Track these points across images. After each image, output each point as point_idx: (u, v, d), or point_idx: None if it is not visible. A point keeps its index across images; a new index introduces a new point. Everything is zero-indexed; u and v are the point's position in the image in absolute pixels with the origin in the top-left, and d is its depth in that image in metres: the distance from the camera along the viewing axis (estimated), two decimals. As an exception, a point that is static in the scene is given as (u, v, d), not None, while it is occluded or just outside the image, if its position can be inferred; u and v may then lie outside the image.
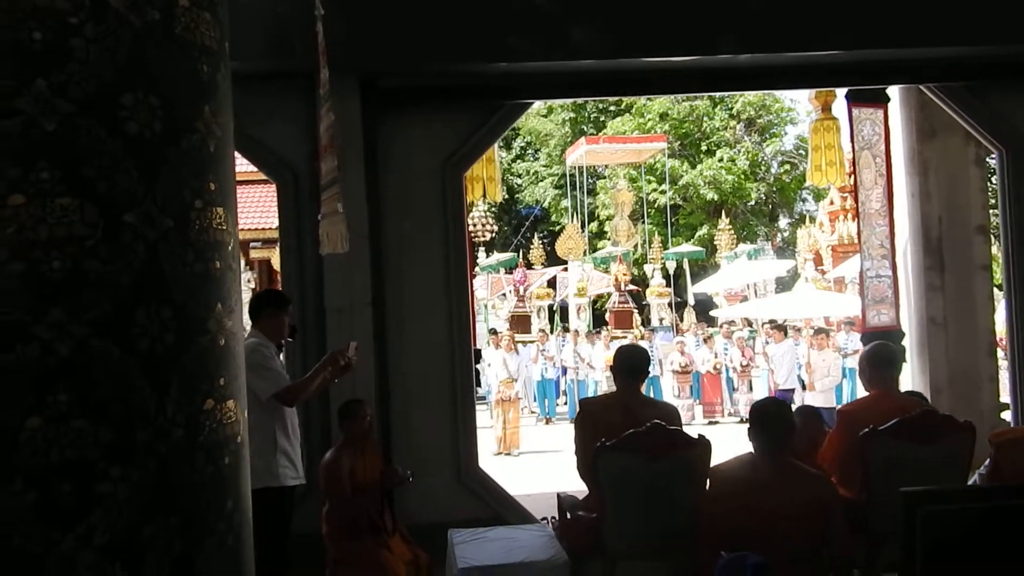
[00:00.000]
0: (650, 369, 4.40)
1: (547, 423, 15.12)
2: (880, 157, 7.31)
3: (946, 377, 7.17)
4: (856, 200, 7.51)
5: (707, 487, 3.71)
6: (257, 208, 18.15)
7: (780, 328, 13.96)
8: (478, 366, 6.37)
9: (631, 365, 4.31)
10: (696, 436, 3.97)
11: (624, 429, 3.89)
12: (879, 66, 6.23)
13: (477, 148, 5.86)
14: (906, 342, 7.27)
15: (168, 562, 1.29)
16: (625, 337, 16.13)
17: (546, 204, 30.10)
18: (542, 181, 29.98)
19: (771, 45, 5.64)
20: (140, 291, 1.29)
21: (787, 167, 29.72)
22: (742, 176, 27.71)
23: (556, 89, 6.11)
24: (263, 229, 17.53)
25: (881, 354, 4.19)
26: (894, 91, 7.01)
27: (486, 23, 5.33)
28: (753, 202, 29.10)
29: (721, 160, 27.45)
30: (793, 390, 12.59)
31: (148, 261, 1.30)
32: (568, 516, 4.35)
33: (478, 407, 14.83)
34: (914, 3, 5.62)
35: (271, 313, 4.06)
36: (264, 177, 5.70)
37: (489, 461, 8.71)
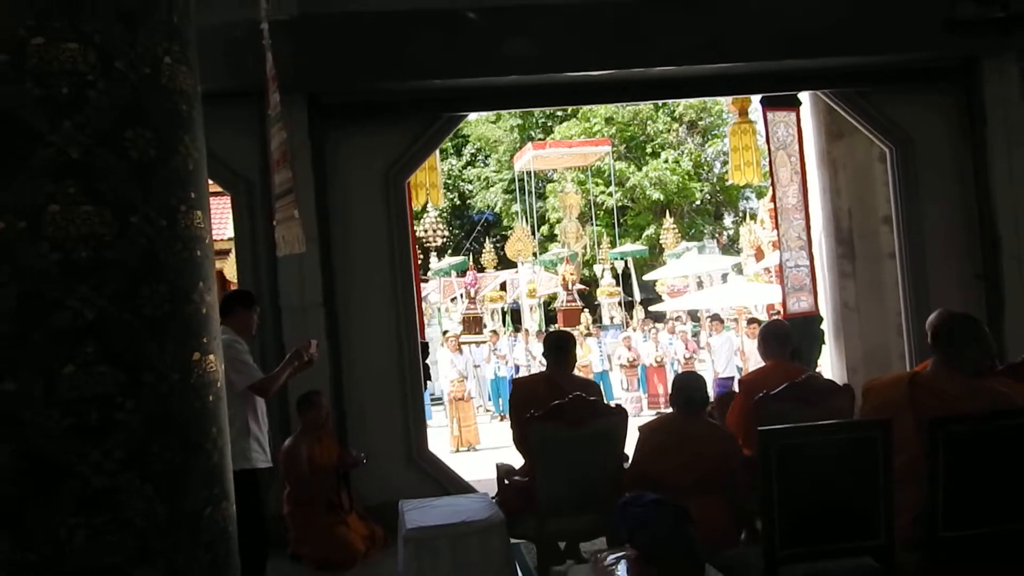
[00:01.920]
0: (572, 347, 4.92)
1: (502, 420, 15.57)
2: (794, 156, 7.88)
3: (860, 356, 7.73)
4: (774, 197, 8.11)
5: (637, 439, 4.28)
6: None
7: (719, 320, 14.64)
8: (427, 360, 6.83)
9: (555, 344, 4.86)
10: (614, 405, 4.51)
11: (551, 401, 4.42)
12: (784, 75, 6.82)
13: (417, 157, 6.33)
14: (824, 326, 7.89)
15: (170, 470, 1.76)
16: (573, 335, 16.66)
17: (497, 209, 30.56)
18: (493, 186, 30.44)
19: (682, 58, 6.20)
20: (143, 272, 1.75)
21: (729, 167, 30.60)
22: (686, 177, 28.48)
23: (489, 101, 6.59)
24: (215, 240, 17.78)
25: (774, 331, 4.78)
26: (805, 96, 7.60)
27: (421, 42, 5.80)
28: (698, 201, 29.90)
29: (666, 161, 28.18)
30: (732, 378, 13.24)
31: (148, 250, 1.77)
32: (505, 481, 4.86)
33: (434, 407, 15.22)
34: (812, 18, 6.22)
35: (241, 311, 4.42)
36: (217, 190, 6.06)
37: (448, 458, 9.11)
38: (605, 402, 4.59)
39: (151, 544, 1.73)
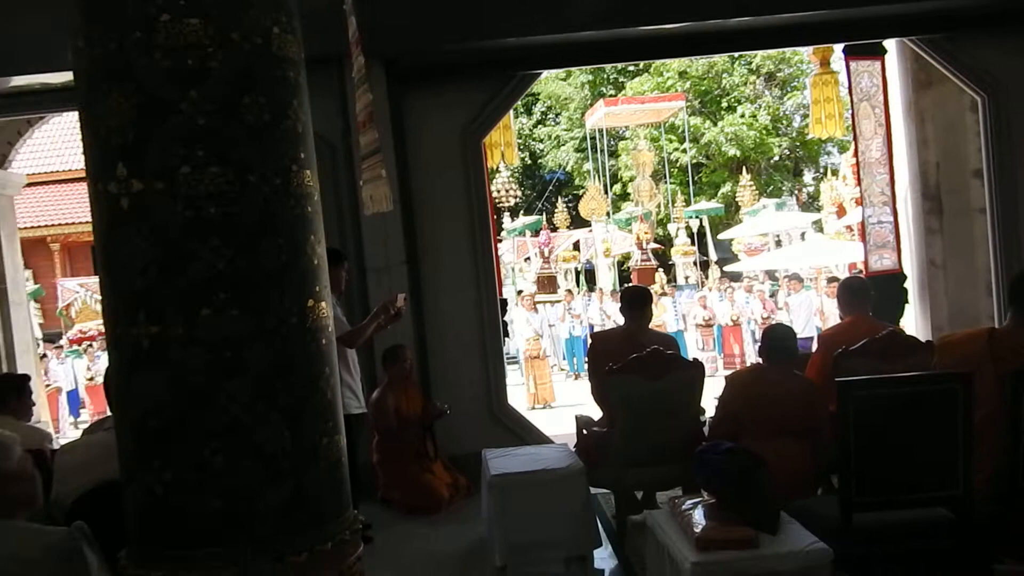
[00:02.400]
0: (650, 302, 5.02)
1: (576, 378, 15.76)
2: (879, 108, 7.69)
3: (946, 316, 7.56)
4: (856, 151, 7.95)
5: (723, 387, 4.36)
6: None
7: (798, 279, 14.42)
8: (505, 317, 7.01)
9: (632, 299, 4.97)
10: (691, 360, 4.60)
11: (629, 355, 4.54)
12: (868, 22, 6.64)
13: (493, 117, 6.44)
14: (908, 284, 7.75)
15: (291, 403, 1.96)
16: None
17: (568, 168, 30.42)
18: (564, 145, 30.27)
19: (759, 8, 6.12)
20: (263, 227, 1.93)
21: (810, 121, 29.67)
22: (764, 131, 27.77)
23: (563, 59, 6.62)
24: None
25: (853, 285, 4.78)
26: (891, 44, 7.36)
27: (494, 2, 5.88)
28: (776, 157, 29.18)
29: (742, 116, 27.50)
30: (811, 338, 13.07)
31: (265, 207, 1.95)
32: (584, 432, 5.02)
33: (509, 367, 15.50)
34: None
35: (330, 267, 4.67)
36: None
37: (524, 415, 9.33)
38: (682, 356, 4.68)
39: (279, 468, 1.94)
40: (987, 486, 3.06)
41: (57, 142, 21.87)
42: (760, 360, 4.39)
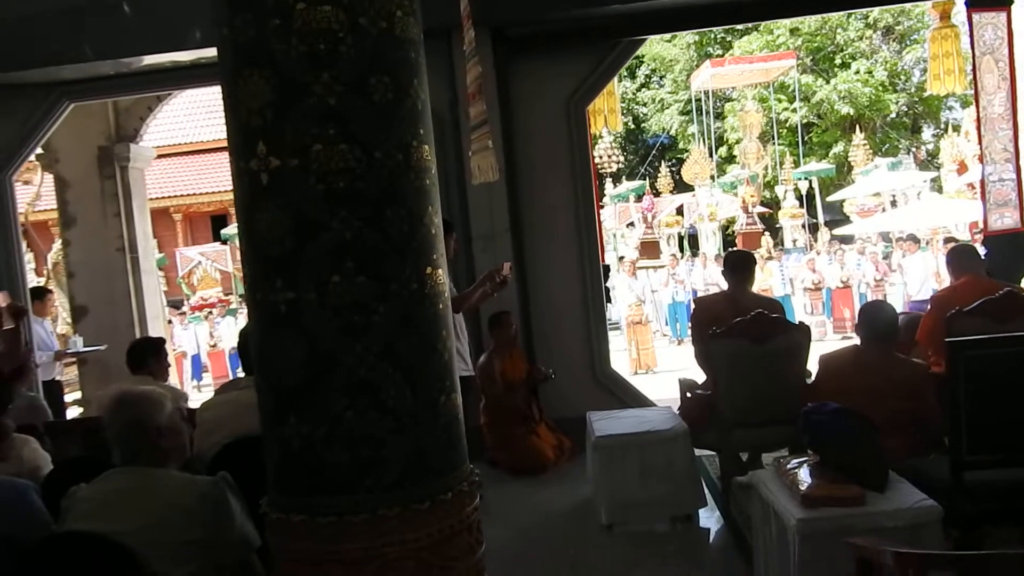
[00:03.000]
0: (753, 266, 5.01)
1: (679, 344, 15.69)
2: (1003, 61, 7.32)
3: (1073, 280, 7.24)
4: (977, 106, 7.60)
5: (816, 373, 4.27)
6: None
7: (914, 240, 13.87)
8: (607, 284, 7.09)
9: (736, 263, 4.97)
10: (797, 323, 4.58)
11: (733, 319, 4.56)
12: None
13: (597, 84, 6.48)
14: (1031, 244, 7.39)
15: (413, 363, 2.12)
16: (754, 258, 16.35)
17: (672, 131, 29.91)
18: (668, 108, 29.75)
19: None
20: (386, 199, 2.09)
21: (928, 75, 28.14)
22: (880, 88, 26.56)
23: (667, 23, 6.58)
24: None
25: (961, 249, 4.66)
26: (1016, -6, 7.03)
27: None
28: (893, 114, 27.87)
29: (857, 72, 26.36)
30: (926, 300, 12.59)
31: (389, 181, 2.10)
32: (687, 395, 5.08)
33: (611, 332, 15.60)
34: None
35: None
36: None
37: (627, 378, 9.41)
38: (787, 320, 4.67)
39: (402, 422, 2.11)
40: None
41: (179, 116, 23.01)
42: (858, 340, 4.12)
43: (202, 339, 15.98)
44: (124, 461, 2.39)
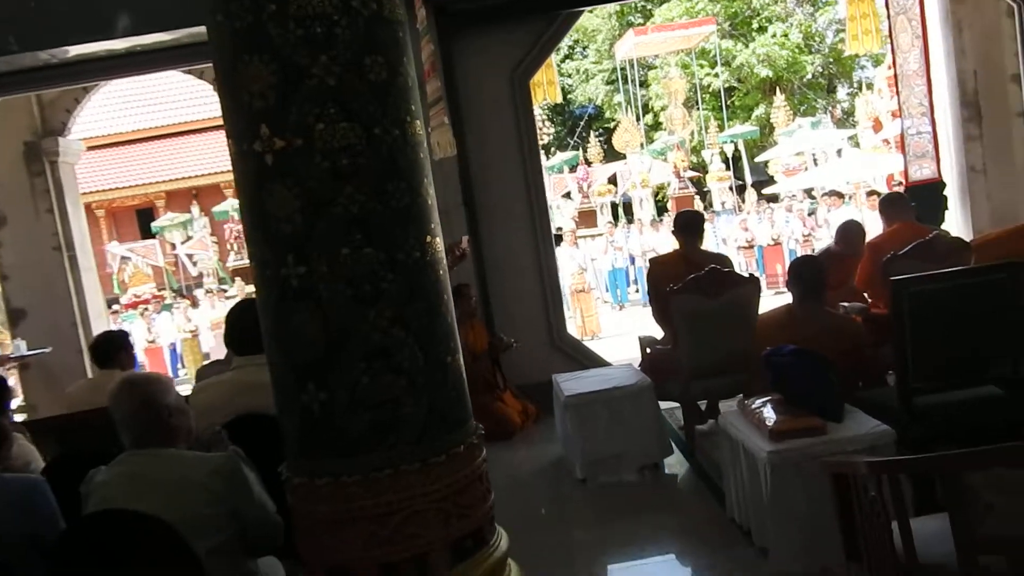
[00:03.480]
0: (703, 224, 5.27)
1: (620, 309, 16.06)
2: (915, 20, 7.73)
3: (988, 218, 7.74)
4: (894, 64, 8.00)
5: (758, 330, 4.51)
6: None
7: (838, 195, 14.45)
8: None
9: (685, 222, 5.22)
10: (747, 275, 4.84)
11: (687, 276, 4.80)
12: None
13: (539, 57, 6.63)
14: (948, 191, 7.87)
15: (422, 327, 2.26)
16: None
17: (599, 101, 30.22)
18: (593, 79, 30.04)
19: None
20: (387, 174, 2.20)
21: (843, 36, 29.02)
22: (796, 50, 27.31)
23: (603, -6, 6.76)
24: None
25: (891, 197, 4.99)
26: (926, -43, 7.41)
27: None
28: (809, 76, 28.71)
29: (774, 36, 27.04)
30: (853, 252, 13.17)
31: (389, 156, 2.21)
32: (647, 351, 5.32)
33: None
34: None
35: None
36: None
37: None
38: (738, 273, 4.93)
39: (415, 383, 2.24)
40: None
41: (96, 108, 22.22)
42: (790, 296, 4.23)
43: (139, 336, 15.67)
44: (135, 444, 2.46)
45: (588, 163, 22.28)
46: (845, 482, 2.43)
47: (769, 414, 3.48)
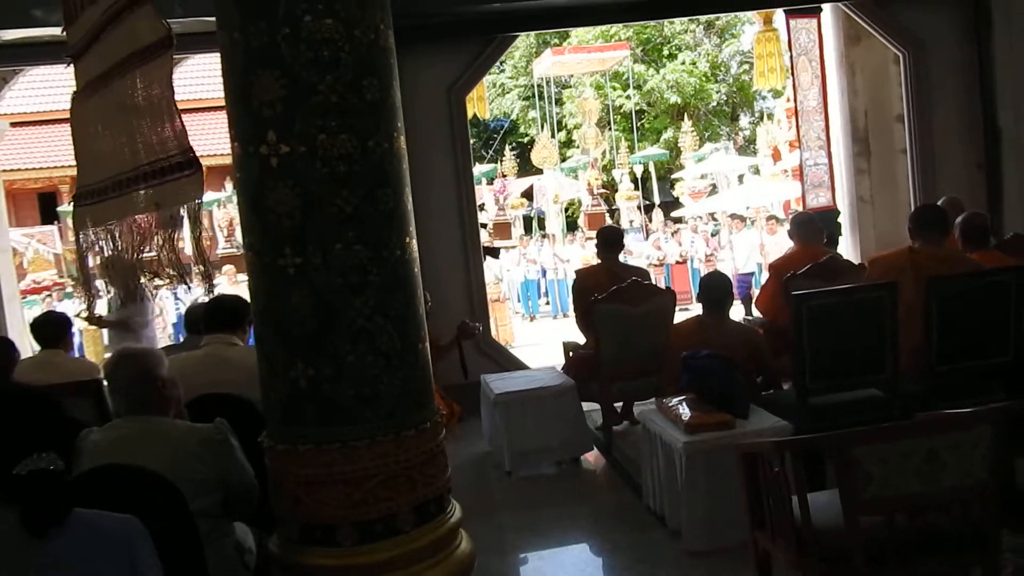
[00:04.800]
0: (623, 239, 5.74)
1: (531, 320, 16.54)
2: (815, 61, 8.45)
3: (874, 244, 8.47)
4: (795, 100, 8.73)
5: (671, 338, 4.99)
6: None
7: (740, 218, 15.35)
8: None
9: (609, 238, 5.68)
10: (664, 288, 5.32)
11: (610, 287, 5.25)
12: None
13: (476, 75, 7.00)
14: (841, 219, 8.63)
15: (400, 315, 2.57)
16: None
17: (514, 116, 30.81)
18: (509, 93, 30.62)
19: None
20: (377, 181, 2.51)
21: (746, 67, 30.57)
22: (703, 78, 28.60)
23: (539, 22, 7.18)
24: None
25: (801, 219, 5.54)
26: (825, 4, 8.12)
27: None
28: (714, 103, 30.07)
29: (683, 63, 28.26)
30: (752, 273, 14.03)
31: (379, 165, 2.53)
32: (570, 354, 5.74)
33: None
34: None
35: None
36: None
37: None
38: (656, 285, 5.41)
39: (393, 363, 2.55)
40: (909, 358, 3.89)
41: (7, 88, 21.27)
42: (701, 307, 4.65)
43: (41, 323, 15.16)
44: (130, 411, 2.67)
45: (504, 176, 22.77)
46: (753, 460, 2.87)
47: (685, 411, 3.93)
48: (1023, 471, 3.19)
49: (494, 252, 7.23)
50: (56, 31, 6.51)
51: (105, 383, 3.18)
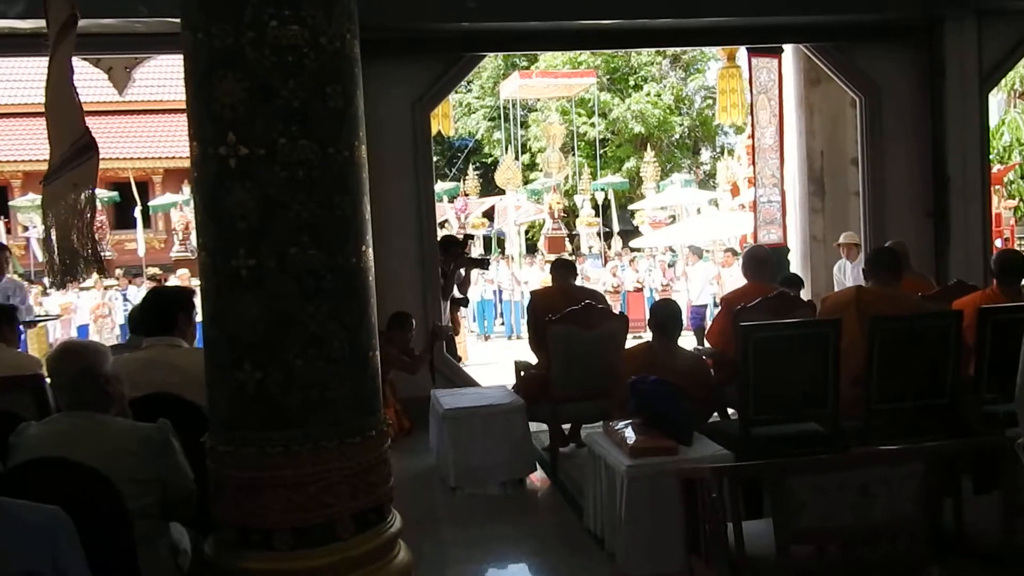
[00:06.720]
0: (575, 266, 5.81)
1: (486, 340, 16.55)
2: (774, 100, 8.65)
3: (824, 283, 8.69)
4: (753, 137, 8.92)
5: (621, 362, 5.06)
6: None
7: (696, 251, 15.58)
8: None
9: (563, 265, 5.76)
10: (617, 312, 5.39)
11: (564, 308, 5.29)
12: (769, 29, 7.58)
13: (441, 92, 7.04)
14: (791, 256, 8.81)
15: (352, 323, 2.58)
16: (557, 261, 17.56)
17: (479, 136, 30.96)
18: (475, 113, 30.77)
19: (684, 11, 6.93)
20: (336, 187, 2.52)
21: (710, 102, 31.15)
22: (667, 110, 29.07)
23: (506, 44, 7.29)
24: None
25: (758, 255, 5.64)
26: (786, 45, 8.35)
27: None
28: (677, 136, 30.57)
29: (648, 95, 28.70)
30: (705, 306, 14.20)
31: (339, 172, 2.54)
32: (522, 373, 5.77)
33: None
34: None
35: None
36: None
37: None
38: (610, 309, 5.48)
39: (342, 371, 2.55)
40: (851, 389, 3.99)
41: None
42: (651, 334, 4.80)
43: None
44: (71, 407, 2.63)
45: (466, 195, 22.84)
46: (692, 486, 2.92)
47: (630, 434, 3.97)
48: (951, 510, 3.30)
49: (463, 302, 7.26)
50: (12, 23, 6.47)
51: (47, 379, 3.12)
